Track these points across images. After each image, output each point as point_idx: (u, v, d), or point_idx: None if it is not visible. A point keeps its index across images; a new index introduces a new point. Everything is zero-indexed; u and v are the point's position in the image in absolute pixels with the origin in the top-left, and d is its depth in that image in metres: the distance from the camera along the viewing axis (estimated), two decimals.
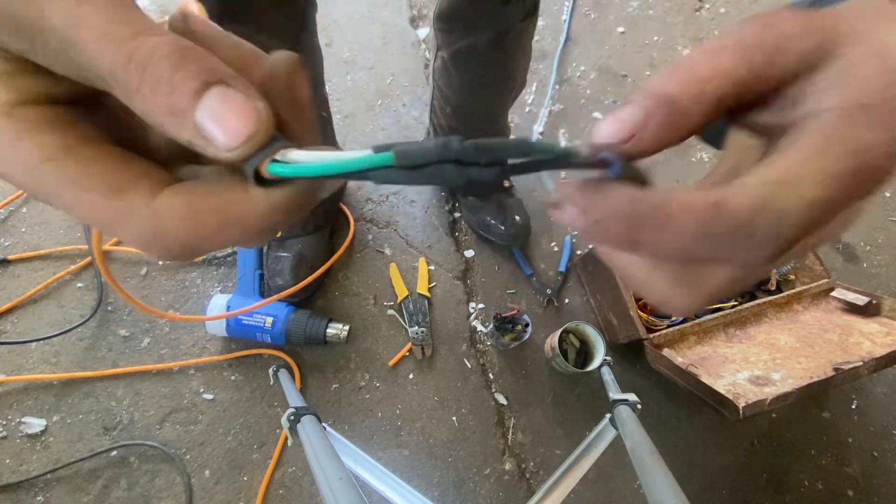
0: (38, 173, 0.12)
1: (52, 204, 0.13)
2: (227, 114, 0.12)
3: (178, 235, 0.12)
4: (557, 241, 1.09)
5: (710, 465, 0.95)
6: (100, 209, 0.12)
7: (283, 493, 0.86)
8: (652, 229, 0.13)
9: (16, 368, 0.89)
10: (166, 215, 0.12)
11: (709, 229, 0.12)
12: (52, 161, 0.12)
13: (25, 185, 0.12)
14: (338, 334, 0.90)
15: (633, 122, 0.14)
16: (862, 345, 0.77)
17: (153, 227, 0.12)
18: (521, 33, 0.73)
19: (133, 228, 0.12)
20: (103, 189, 0.12)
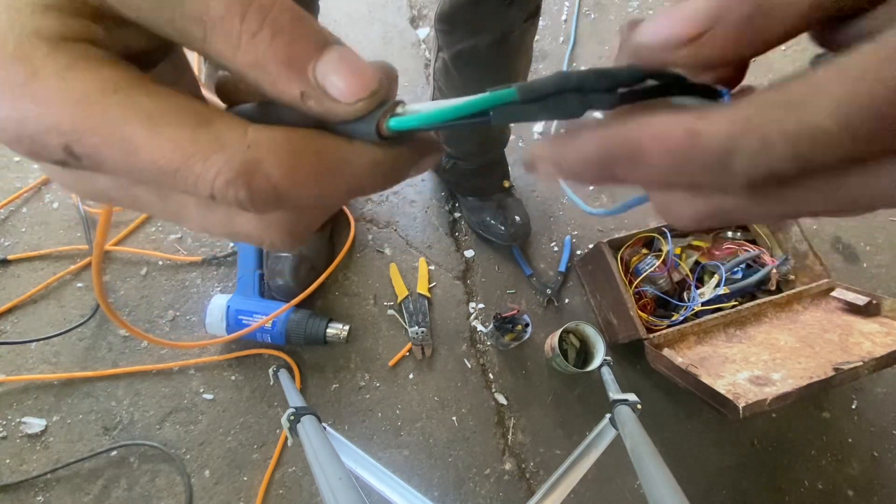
0: (97, 108, 0.10)
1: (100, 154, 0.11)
2: (349, 69, 0.12)
3: (274, 173, 0.11)
4: (557, 241, 1.09)
5: (710, 465, 0.95)
6: (180, 143, 0.10)
7: (283, 493, 0.86)
8: (624, 166, 0.12)
9: (16, 368, 0.89)
10: (264, 147, 0.11)
11: (679, 162, 0.11)
12: (119, 93, 0.10)
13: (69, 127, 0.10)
14: (338, 334, 0.90)
15: (704, 16, 0.11)
16: (862, 345, 0.78)
17: (247, 159, 0.11)
18: (523, 35, 0.73)
19: (221, 161, 0.11)
20: (187, 119, 0.11)
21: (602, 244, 0.92)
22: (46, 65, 0.10)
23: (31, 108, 0.10)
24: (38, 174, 1.01)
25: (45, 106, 0.10)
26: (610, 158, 0.12)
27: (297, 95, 0.12)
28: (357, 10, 1.26)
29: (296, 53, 0.11)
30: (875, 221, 1.18)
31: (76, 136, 0.10)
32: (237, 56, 0.11)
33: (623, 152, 0.12)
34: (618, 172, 0.12)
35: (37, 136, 0.10)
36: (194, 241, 1.01)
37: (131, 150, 0.10)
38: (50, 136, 0.10)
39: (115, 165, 0.11)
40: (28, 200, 1.00)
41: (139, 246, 0.98)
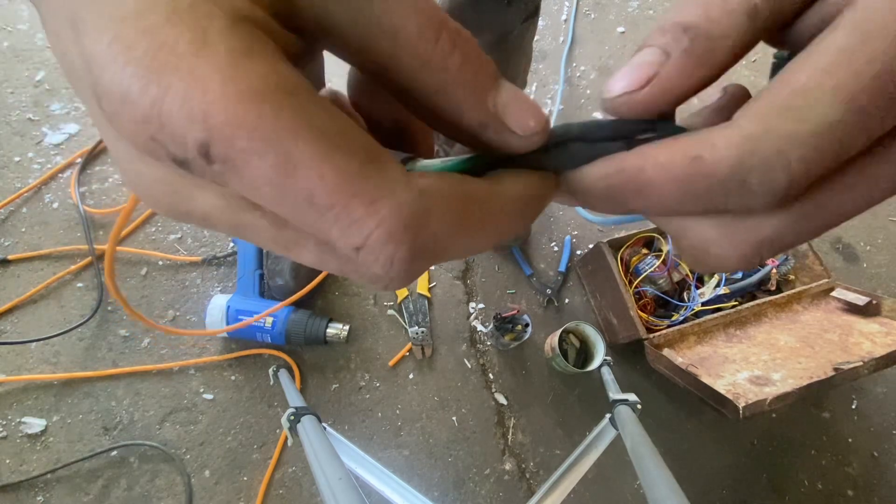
0: (266, 108, 0.08)
1: (246, 164, 0.09)
2: (526, 103, 0.12)
3: (442, 229, 0.10)
4: (557, 241, 1.09)
5: (710, 465, 0.95)
6: (349, 175, 0.09)
7: (283, 493, 0.86)
8: (634, 199, 0.12)
9: (16, 368, 0.89)
10: (434, 196, 0.10)
11: (689, 190, 0.11)
12: (296, 96, 0.09)
13: (221, 121, 0.08)
14: (338, 334, 0.90)
15: (649, 64, 0.11)
16: (862, 345, 0.78)
17: (418, 208, 0.09)
18: (522, 35, 0.73)
19: (388, 208, 0.09)
20: (359, 150, 0.09)
21: (602, 244, 0.92)
22: (220, 40, 0.08)
23: (181, 86, 0.08)
24: (38, 174, 1.01)
25: (201, 85, 0.08)
26: (618, 192, 0.12)
27: (477, 122, 0.12)
28: None
29: (481, 81, 0.11)
30: (875, 221, 1.18)
31: (224, 136, 0.08)
32: (424, 75, 0.11)
33: (629, 185, 0.12)
34: (629, 204, 0.12)
35: (173, 123, 0.08)
36: (194, 242, 1.01)
37: (289, 170, 0.09)
38: (191, 128, 0.08)
39: (254, 183, 0.09)
40: (28, 200, 1.00)
41: (139, 246, 0.98)
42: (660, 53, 0.11)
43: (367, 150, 0.09)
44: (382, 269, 0.10)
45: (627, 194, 0.12)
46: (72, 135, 1.05)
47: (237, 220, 0.11)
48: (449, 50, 0.11)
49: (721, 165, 0.10)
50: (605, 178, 0.12)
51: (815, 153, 0.10)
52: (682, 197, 0.11)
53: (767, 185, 0.10)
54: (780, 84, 0.10)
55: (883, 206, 1.26)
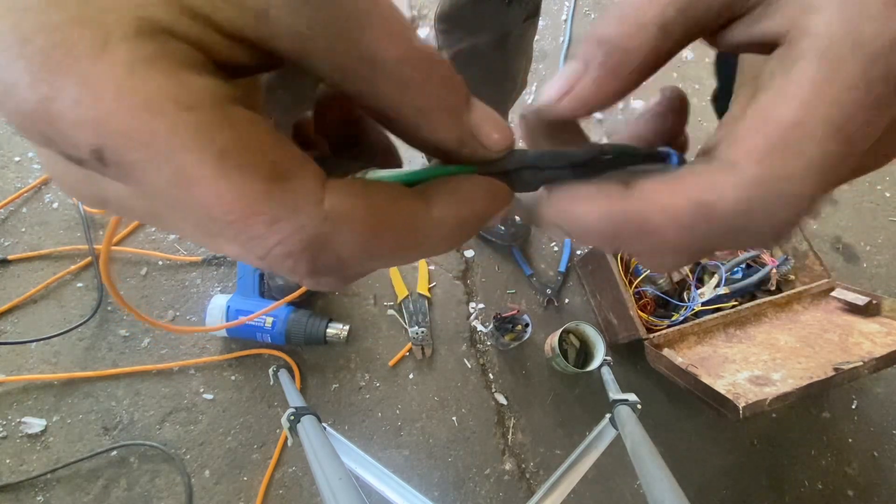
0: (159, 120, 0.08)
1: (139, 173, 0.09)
2: (496, 121, 0.13)
3: (345, 250, 0.10)
4: (557, 241, 1.09)
5: (710, 465, 0.95)
6: (248, 195, 0.09)
7: (283, 493, 0.86)
8: (633, 241, 0.12)
9: (16, 368, 0.89)
10: (342, 217, 0.10)
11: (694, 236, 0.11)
12: (195, 111, 0.08)
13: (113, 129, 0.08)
14: (338, 334, 0.90)
15: (571, 75, 0.12)
16: (862, 345, 0.78)
17: (319, 233, 0.09)
18: (522, 34, 0.73)
19: (289, 230, 0.09)
20: (263, 166, 0.09)
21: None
22: (122, 46, 0.08)
23: (73, 90, 0.08)
24: (38, 174, 1.01)
25: (94, 91, 0.08)
26: (617, 233, 0.12)
27: (454, 141, 0.12)
28: None
29: (456, 103, 0.12)
30: (875, 221, 1.18)
31: (116, 143, 0.08)
32: (402, 98, 0.11)
33: (631, 228, 0.12)
34: (627, 245, 0.12)
35: (64, 124, 0.08)
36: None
37: (183, 184, 0.08)
38: (83, 131, 0.08)
39: (152, 190, 0.09)
40: (28, 200, 1.00)
41: (139, 246, 0.98)
42: (580, 65, 0.12)
43: (276, 167, 0.09)
44: (289, 276, 0.10)
45: (627, 237, 0.12)
46: None
47: (153, 210, 0.11)
48: (426, 75, 0.11)
49: (729, 211, 0.11)
50: (605, 218, 0.12)
51: (814, 187, 0.10)
52: (685, 242, 0.11)
53: (773, 224, 0.11)
54: (766, 120, 0.11)
55: (883, 206, 1.26)
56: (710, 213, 0.11)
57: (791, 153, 0.10)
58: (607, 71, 0.12)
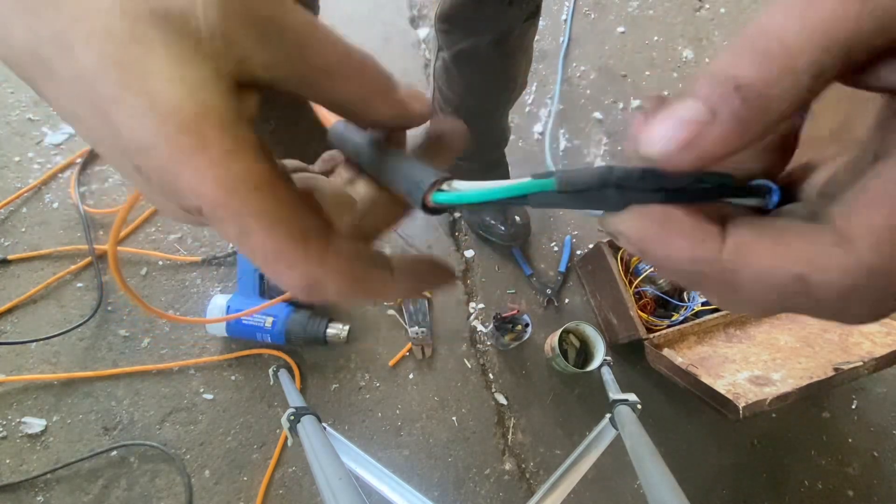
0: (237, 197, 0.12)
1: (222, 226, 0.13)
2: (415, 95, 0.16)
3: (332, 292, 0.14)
4: (557, 241, 1.09)
5: (710, 465, 0.95)
6: (280, 246, 0.13)
7: (283, 493, 0.86)
8: (717, 290, 0.12)
9: (16, 368, 0.89)
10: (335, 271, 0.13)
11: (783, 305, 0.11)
12: (258, 190, 0.12)
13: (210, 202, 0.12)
14: (338, 334, 0.90)
15: (692, 122, 0.10)
16: (862, 345, 0.78)
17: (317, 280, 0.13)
18: (523, 35, 0.73)
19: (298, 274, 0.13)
20: (293, 229, 0.13)
21: (602, 244, 0.92)
22: (214, 144, 0.12)
23: (189, 172, 0.12)
24: (38, 174, 1.01)
25: (199, 176, 0.12)
26: (701, 279, 0.11)
27: (391, 116, 0.16)
28: (357, 11, 1.26)
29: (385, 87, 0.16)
30: None
31: (210, 208, 0.12)
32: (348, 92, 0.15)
33: (719, 279, 0.11)
34: (707, 291, 0.12)
35: (180, 194, 0.12)
36: (194, 241, 1.01)
37: (245, 235, 0.13)
38: (190, 197, 0.12)
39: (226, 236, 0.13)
40: (28, 200, 1.00)
41: (139, 246, 0.98)
42: (705, 111, 0.10)
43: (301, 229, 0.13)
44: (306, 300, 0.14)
45: (711, 286, 0.11)
46: (72, 135, 1.05)
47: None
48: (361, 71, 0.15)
49: (832, 295, 0.10)
50: (695, 262, 0.11)
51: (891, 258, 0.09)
52: (770, 306, 0.11)
53: (871, 314, 0.10)
54: (885, 194, 0.09)
55: None
56: (808, 291, 0.10)
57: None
58: (743, 124, 0.10)
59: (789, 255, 0.10)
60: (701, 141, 0.10)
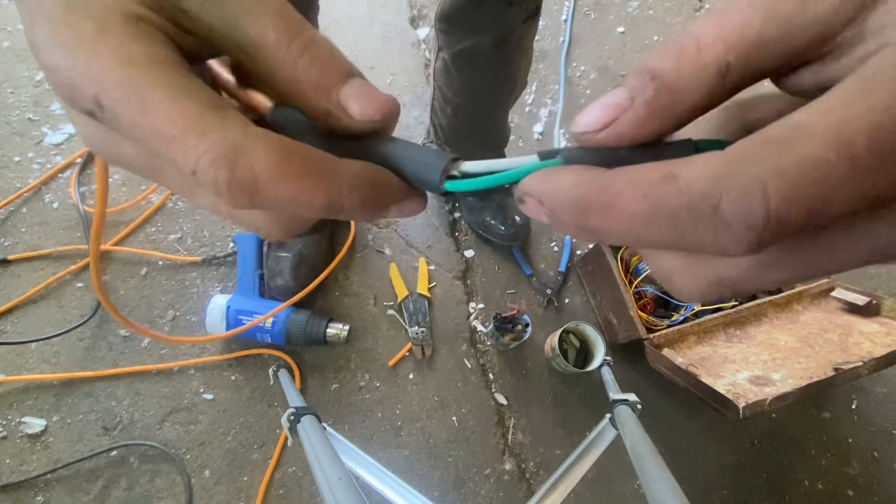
0: (134, 71, 0.12)
1: (121, 107, 0.12)
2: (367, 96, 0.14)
3: (258, 165, 0.12)
4: (557, 241, 1.09)
5: (710, 465, 0.95)
6: (188, 115, 0.12)
7: (283, 493, 0.86)
8: (599, 213, 0.11)
9: (16, 368, 0.89)
10: (259, 140, 0.12)
11: (658, 208, 0.10)
12: (159, 66, 0.12)
13: (106, 80, 0.12)
14: (338, 334, 0.90)
15: (615, 105, 0.12)
16: (862, 345, 0.78)
17: (238, 144, 0.12)
18: (523, 35, 0.73)
19: (214, 139, 0.11)
20: (202, 100, 0.12)
21: (602, 244, 0.92)
22: (114, 31, 0.12)
23: (85, 59, 0.12)
24: (38, 174, 1.01)
25: (97, 59, 0.12)
26: (585, 200, 0.11)
27: (323, 111, 0.14)
28: (357, 10, 1.26)
29: (326, 79, 0.14)
30: None
31: (107, 89, 0.12)
32: (279, 74, 0.14)
33: (598, 198, 0.11)
34: (593, 220, 0.11)
35: (78, 82, 0.12)
36: (194, 242, 1.01)
37: (145, 110, 0.12)
38: (89, 84, 0.12)
39: (129, 121, 0.12)
40: (28, 200, 1.00)
41: (139, 246, 0.98)
42: (626, 97, 0.12)
43: (212, 102, 0.12)
44: (213, 191, 0.12)
45: (594, 208, 0.11)
46: (72, 135, 1.05)
47: (151, 165, 0.15)
48: (298, 54, 0.14)
49: (694, 184, 0.10)
50: (576, 186, 0.12)
51: (797, 190, 0.09)
52: (647, 219, 0.11)
53: (742, 214, 0.10)
54: (776, 122, 0.10)
55: None
56: (673, 184, 0.10)
57: (780, 146, 0.09)
58: (653, 110, 0.11)
59: (665, 164, 0.11)
60: (617, 123, 0.12)
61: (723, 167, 0.10)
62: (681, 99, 0.11)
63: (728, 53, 0.11)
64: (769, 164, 0.09)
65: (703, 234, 0.10)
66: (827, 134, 0.09)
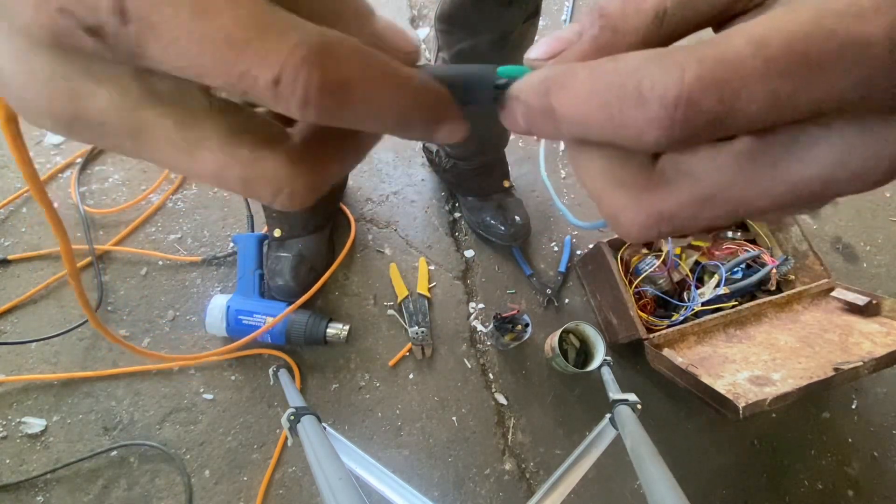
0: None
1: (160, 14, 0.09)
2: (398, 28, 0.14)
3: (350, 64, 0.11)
4: (557, 241, 1.09)
5: (710, 464, 0.95)
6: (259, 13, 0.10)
7: (283, 493, 0.86)
8: (557, 93, 0.12)
9: (16, 368, 0.89)
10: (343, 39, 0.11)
11: (598, 85, 0.11)
12: None
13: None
14: (338, 334, 0.90)
15: (565, 39, 0.13)
16: (862, 345, 0.78)
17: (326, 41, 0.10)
18: (522, 35, 0.73)
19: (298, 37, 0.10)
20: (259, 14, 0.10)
21: (602, 244, 0.93)
22: None
23: None
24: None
25: None
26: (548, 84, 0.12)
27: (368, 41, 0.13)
28: None
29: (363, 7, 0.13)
30: (875, 221, 1.18)
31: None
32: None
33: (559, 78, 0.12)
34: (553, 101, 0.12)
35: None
36: (194, 242, 1.01)
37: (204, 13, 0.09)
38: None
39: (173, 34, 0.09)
40: (28, 200, 1.00)
41: (139, 246, 0.98)
42: (576, 32, 0.13)
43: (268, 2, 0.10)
44: (300, 99, 0.10)
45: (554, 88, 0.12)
46: None
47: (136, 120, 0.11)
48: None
49: (629, 63, 0.11)
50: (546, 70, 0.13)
51: (710, 74, 0.10)
52: (590, 94, 0.11)
53: (657, 91, 0.10)
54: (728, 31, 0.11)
55: (883, 206, 1.26)
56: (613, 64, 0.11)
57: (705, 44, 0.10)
58: (596, 47, 0.13)
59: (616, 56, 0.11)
60: (564, 54, 0.13)
61: (653, 54, 0.11)
62: (621, 39, 0.12)
63: (666, 2, 0.12)
64: (692, 52, 0.10)
65: (626, 114, 0.11)
66: (747, 36, 0.10)
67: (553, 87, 0.12)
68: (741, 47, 0.10)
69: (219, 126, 0.12)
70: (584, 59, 0.13)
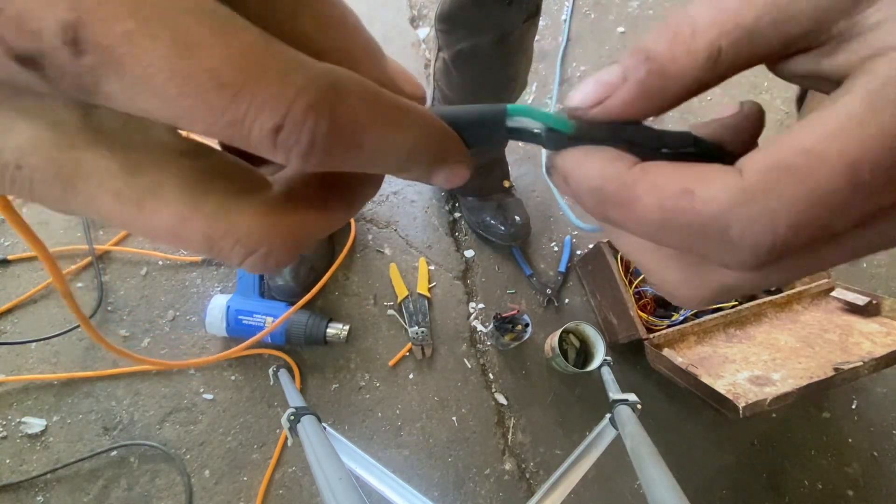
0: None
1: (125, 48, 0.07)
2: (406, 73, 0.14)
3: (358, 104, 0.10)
4: (557, 241, 1.09)
5: (710, 465, 0.95)
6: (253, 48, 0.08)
7: (283, 493, 0.86)
8: (617, 210, 0.12)
9: (16, 368, 0.89)
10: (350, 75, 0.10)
11: (671, 220, 0.11)
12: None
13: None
14: (338, 334, 0.90)
15: (608, 83, 0.12)
16: (862, 345, 0.78)
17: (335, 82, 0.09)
18: (523, 35, 0.73)
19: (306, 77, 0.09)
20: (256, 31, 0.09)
21: (602, 244, 0.92)
22: None
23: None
24: None
25: None
26: (605, 194, 0.12)
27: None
28: (357, 10, 1.25)
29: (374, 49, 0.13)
30: None
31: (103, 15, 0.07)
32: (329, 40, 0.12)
33: (618, 195, 0.12)
34: (611, 213, 0.12)
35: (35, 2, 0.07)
36: None
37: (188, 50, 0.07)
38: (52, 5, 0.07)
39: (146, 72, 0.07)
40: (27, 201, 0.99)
41: (139, 246, 0.98)
42: (619, 75, 0.12)
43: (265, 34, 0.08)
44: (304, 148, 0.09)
45: (612, 202, 0.12)
46: None
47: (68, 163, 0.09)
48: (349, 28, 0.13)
49: (709, 205, 0.10)
50: (600, 178, 0.12)
51: (805, 220, 0.10)
52: (660, 225, 0.11)
53: (749, 241, 0.10)
54: (788, 140, 0.10)
55: None
56: (689, 202, 0.10)
57: (793, 175, 0.10)
58: (643, 91, 0.12)
59: (684, 172, 0.11)
60: (609, 101, 0.12)
61: (738, 195, 0.10)
62: (671, 83, 0.12)
63: (721, 38, 0.11)
64: (780, 196, 0.10)
65: (709, 249, 0.11)
66: (838, 162, 0.09)
67: (612, 203, 0.12)
68: (834, 180, 0.09)
69: (182, 171, 0.10)
70: (630, 105, 0.12)
